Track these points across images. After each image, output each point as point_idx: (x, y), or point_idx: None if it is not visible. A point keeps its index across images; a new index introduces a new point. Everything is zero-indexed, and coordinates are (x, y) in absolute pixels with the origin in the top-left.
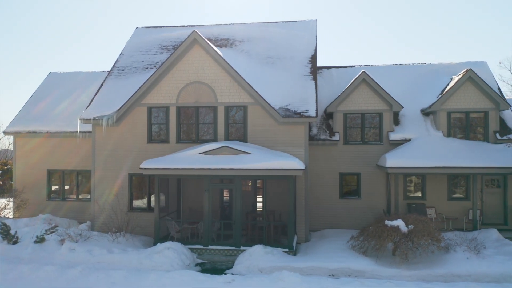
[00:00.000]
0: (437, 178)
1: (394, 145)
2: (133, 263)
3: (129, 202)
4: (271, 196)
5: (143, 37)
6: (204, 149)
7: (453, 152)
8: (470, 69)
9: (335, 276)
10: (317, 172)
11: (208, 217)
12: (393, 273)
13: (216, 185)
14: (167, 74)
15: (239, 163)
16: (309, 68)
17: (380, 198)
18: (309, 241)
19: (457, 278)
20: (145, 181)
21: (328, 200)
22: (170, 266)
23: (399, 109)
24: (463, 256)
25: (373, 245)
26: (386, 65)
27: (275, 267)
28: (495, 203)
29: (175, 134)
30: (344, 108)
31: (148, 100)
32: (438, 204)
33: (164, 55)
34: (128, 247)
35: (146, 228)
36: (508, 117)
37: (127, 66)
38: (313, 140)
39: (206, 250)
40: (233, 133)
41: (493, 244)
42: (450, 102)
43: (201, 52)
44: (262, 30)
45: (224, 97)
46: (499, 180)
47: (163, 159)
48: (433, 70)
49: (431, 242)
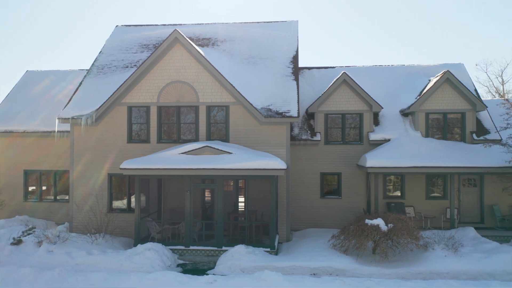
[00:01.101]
0: (415, 178)
1: (374, 145)
2: (113, 264)
3: (108, 203)
4: (253, 196)
5: (123, 36)
6: (186, 149)
7: (431, 152)
8: (447, 71)
9: (317, 275)
10: (298, 172)
11: (190, 218)
12: (374, 271)
13: (198, 185)
14: (148, 73)
15: (221, 163)
16: (291, 69)
17: (360, 198)
18: (291, 240)
19: (436, 275)
20: (125, 181)
21: (309, 199)
22: (151, 267)
23: (379, 110)
24: (441, 254)
25: (354, 244)
26: (366, 66)
27: (257, 267)
28: (471, 202)
29: (156, 134)
30: (325, 108)
31: (128, 100)
32: (416, 203)
33: (145, 54)
34: (108, 248)
35: (126, 229)
36: (484, 118)
37: (107, 65)
38: (295, 140)
39: (188, 251)
40: (215, 133)
41: (470, 242)
42: (428, 103)
43: (182, 51)
44: (244, 30)
45: (206, 96)
46: (476, 180)
47: (144, 159)
48: (412, 72)
49: (410, 241)
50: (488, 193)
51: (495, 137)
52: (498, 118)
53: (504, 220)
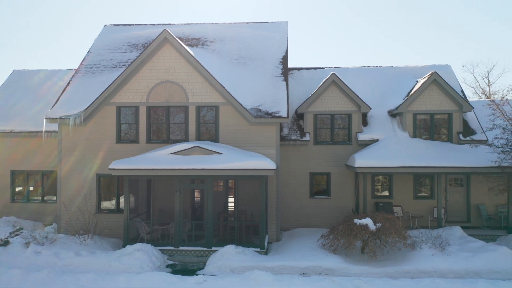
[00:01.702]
0: (403, 178)
1: (362, 145)
2: (102, 265)
3: (97, 204)
4: (243, 196)
5: (111, 35)
6: (175, 149)
7: (419, 152)
8: (435, 72)
9: (306, 275)
10: (288, 172)
11: (179, 218)
12: (362, 270)
13: (188, 186)
14: (136, 73)
15: (211, 163)
16: (280, 69)
17: (349, 197)
18: (281, 240)
19: (423, 274)
20: (113, 182)
21: (299, 199)
22: (140, 268)
23: (367, 111)
24: (429, 253)
25: (343, 243)
26: (355, 67)
27: (247, 267)
28: (458, 202)
29: (145, 134)
30: (314, 109)
31: (117, 99)
32: (404, 202)
33: (134, 54)
34: (97, 249)
35: (115, 230)
36: (470, 118)
37: (95, 64)
38: (284, 140)
39: (177, 251)
40: (204, 133)
41: (457, 241)
42: (416, 104)
43: (171, 51)
44: (234, 30)
45: (195, 96)
46: (462, 179)
47: (133, 160)
48: (399, 73)
49: (398, 240)
50: (475, 193)
51: (481, 138)
52: (484, 119)
53: (490, 220)
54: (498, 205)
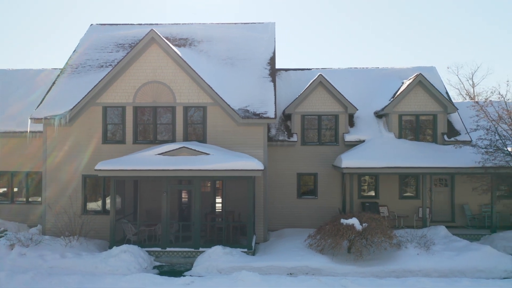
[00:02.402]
0: (389, 178)
1: (349, 146)
2: (88, 267)
3: (83, 205)
4: (230, 197)
5: (98, 35)
6: (163, 150)
7: (404, 153)
8: (420, 73)
9: (293, 275)
10: (276, 173)
11: (166, 219)
12: (349, 270)
13: (175, 186)
14: (123, 73)
15: (199, 164)
16: (268, 70)
17: (336, 197)
18: (268, 240)
19: (409, 273)
20: (100, 182)
21: (286, 200)
22: (127, 270)
23: (354, 111)
24: (414, 252)
25: (330, 243)
26: (342, 69)
27: (235, 267)
28: (443, 202)
29: (131, 135)
30: (302, 110)
31: (104, 100)
32: (390, 202)
33: (121, 54)
34: (82, 251)
35: (101, 231)
36: (455, 119)
37: (81, 64)
38: (272, 141)
39: (164, 253)
40: (192, 133)
41: (441, 240)
42: (402, 105)
43: (159, 51)
44: (222, 31)
45: (183, 97)
46: (447, 180)
47: (120, 160)
48: (385, 74)
49: (384, 240)
50: (459, 193)
51: (465, 138)
52: (468, 120)
53: (474, 219)
54: (481, 204)
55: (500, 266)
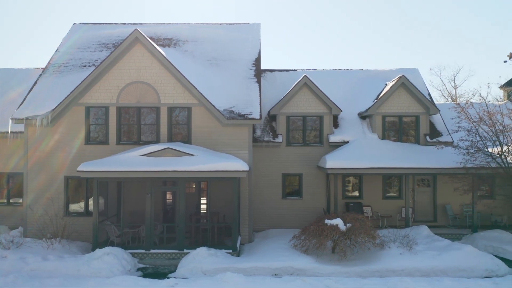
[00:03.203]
0: (373, 178)
1: (333, 146)
2: (70, 270)
3: (65, 206)
4: (215, 198)
5: (81, 34)
6: (147, 151)
7: (388, 153)
8: (403, 75)
9: (278, 275)
10: (261, 173)
11: (150, 221)
12: (333, 270)
13: (159, 188)
14: (107, 72)
15: (183, 165)
16: (253, 71)
17: (320, 198)
18: (253, 241)
19: (392, 273)
20: (82, 184)
21: (271, 200)
22: (110, 272)
23: (338, 113)
24: (397, 252)
25: (314, 243)
26: (327, 70)
27: (219, 269)
28: (425, 202)
29: (115, 135)
30: (287, 110)
31: (86, 100)
32: (374, 202)
33: (104, 53)
34: (65, 253)
35: (83, 233)
36: (437, 121)
37: (64, 64)
38: (257, 141)
39: (148, 254)
40: (176, 134)
41: (424, 240)
42: (385, 106)
43: (143, 51)
44: (207, 31)
45: (167, 97)
46: (429, 180)
47: (103, 161)
48: (369, 76)
49: (368, 240)
50: (441, 193)
51: (447, 139)
52: (450, 121)
53: (455, 219)
54: (463, 204)
55: (481, 266)
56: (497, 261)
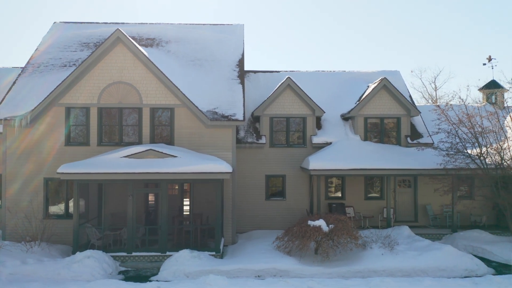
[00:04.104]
0: (355, 179)
1: (316, 148)
2: (50, 274)
3: (44, 209)
4: (198, 199)
5: (61, 33)
6: (128, 152)
7: (370, 155)
8: (384, 78)
9: (261, 277)
10: (244, 175)
11: (132, 223)
12: (315, 271)
13: (141, 190)
14: (88, 72)
15: (166, 166)
16: (236, 72)
17: (304, 199)
18: (236, 243)
19: (373, 273)
20: (62, 185)
21: (255, 201)
22: (91, 276)
23: (321, 114)
24: (379, 252)
25: (297, 244)
26: (310, 72)
27: (202, 271)
28: (406, 202)
29: (96, 136)
30: (270, 112)
31: (67, 100)
32: (356, 203)
33: (85, 53)
34: (44, 257)
35: (64, 236)
36: (418, 122)
37: (43, 63)
38: (241, 143)
39: (130, 257)
40: (159, 135)
41: (405, 240)
42: (367, 108)
43: (125, 51)
44: (190, 31)
45: (149, 98)
46: (410, 181)
47: (83, 163)
48: (352, 78)
49: (350, 240)
50: (421, 194)
51: (427, 141)
52: (431, 123)
53: (436, 219)
54: (443, 205)
55: (461, 265)
56: (477, 260)
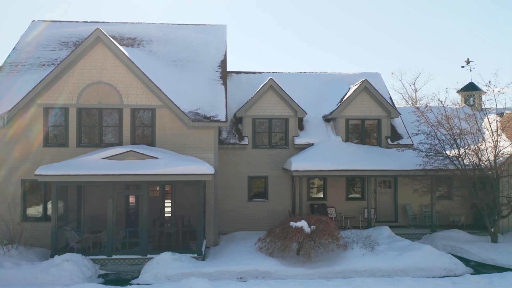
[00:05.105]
0: (336, 180)
1: (299, 149)
2: (28, 278)
3: (22, 211)
4: (180, 201)
5: (40, 32)
6: (109, 154)
7: (351, 156)
8: (365, 80)
9: (243, 279)
10: (226, 176)
11: (112, 225)
12: (297, 272)
13: (122, 192)
14: (67, 72)
15: (147, 168)
16: (219, 73)
17: (286, 200)
18: (219, 244)
19: (355, 273)
20: (41, 187)
21: (237, 203)
22: (70, 280)
23: (303, 115)
24: (360, 253)
25: (279, 246)
26: (292, 73)
27: (184, 274)
28: (387, 202)
29: (75, 137)
30: (252, 113)
31: (45, 100)
32: (337, 204)
33: (64, 52)
34: (22, 260)
35: (42, 239)
36: (398, 124)
37: (21, 63)
38: (223, 144)
39: (110, 260)
40: (140, 136)
41: (385, 240)
42: (348, 109)
43: (105, 51)
44: (172, 31)
45: (130, 99)
46: (390, 181)
47: (62, 165)
48: (334, 79)
49: (331, 241)
50: (401, 194)
51: (407, 142)
52: (410, 124)
53: (415, 219)
54: (422, 205)
55: (440, 265)
56: (455, 260)
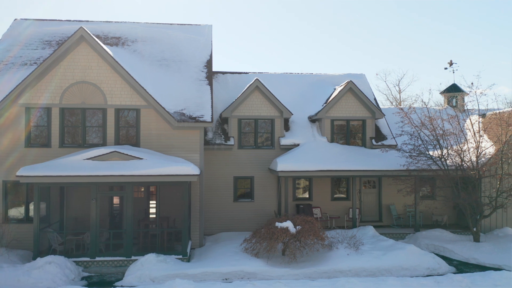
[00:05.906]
0: (322, 180)
1: (284, 149)
2: (10, 280)
3: (3, 213)
4: (165, 202)
5: (22, 30)
6: (92, 154)
7: (336, 156)
8: (350, 81)
9: (229, 280)
10: (212, 176)
11: (96, 227)
12: (283, 273)
13: (105, 193)
14: (49, 71)
15: (131, 169)
16: (204, 73)
17: (272, 200)
18: (204, 245)
19: (339, 273)
20: (22, 188)
21: (223, 203)
22: (52, 282)
23: (289, 116)
24: (344, 252)
25: (265, 246)
26: (278, 74)
27: (168, 275)
28: (371, 202)
29: (58, 138)
30: (238, 113)
31: (27, 100)
32: (323, 204)
33: (47, 51)
34: (3, 263)
35: (24, 241)
36: (382, 125)
37: (3, 62)
38: (209, 144)
39: (93, 262)
40: (124, 137)
41: (370, 240)
42: (333, 110)
43: (88, 50)
44: (156, 31)
45: (114, 99)
46: (375, 182)
47: (44, 165)
48: (319, 80)
49: (317, 241)
50: (386, 194)
51: (391, 143)
52: (395, 125)
53: (399, 219)
54: (406, 205)
55: (423, 264)
56: (438, 259)
